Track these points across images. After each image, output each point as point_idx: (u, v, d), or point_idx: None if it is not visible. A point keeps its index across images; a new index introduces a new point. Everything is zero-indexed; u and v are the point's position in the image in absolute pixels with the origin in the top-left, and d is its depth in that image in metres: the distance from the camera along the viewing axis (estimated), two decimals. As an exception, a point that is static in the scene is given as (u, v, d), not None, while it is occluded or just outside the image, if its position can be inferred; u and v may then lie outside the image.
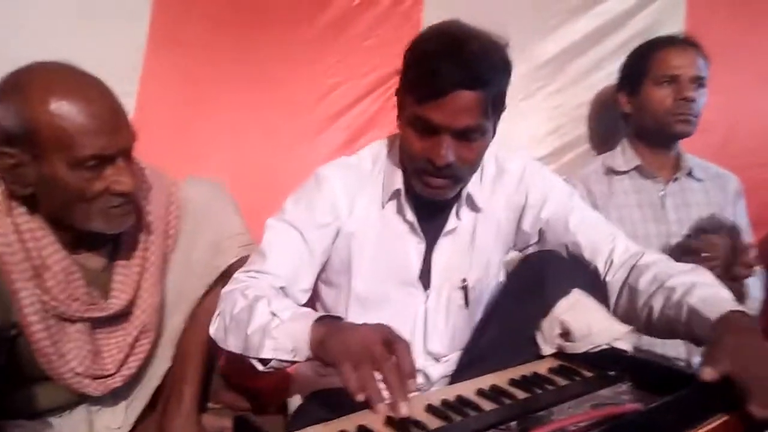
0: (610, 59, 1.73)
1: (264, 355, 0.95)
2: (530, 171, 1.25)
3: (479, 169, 1.21)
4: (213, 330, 1.09)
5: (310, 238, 1.16)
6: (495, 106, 1.09)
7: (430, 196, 1.14)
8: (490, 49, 1.06)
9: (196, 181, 1.28)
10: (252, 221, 1.45)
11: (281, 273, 1.12)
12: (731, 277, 1.33)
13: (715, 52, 1.64)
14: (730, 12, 1.84)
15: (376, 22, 1.74)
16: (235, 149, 1.71)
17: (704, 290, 0.99)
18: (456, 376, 1.20)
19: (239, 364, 1.56)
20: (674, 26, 1.77)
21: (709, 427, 0.75)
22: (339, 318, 0.98)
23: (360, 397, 0.77)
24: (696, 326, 0.96)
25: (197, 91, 1.69)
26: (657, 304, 1.05)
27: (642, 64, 1.59)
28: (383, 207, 1.20)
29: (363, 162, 1.24)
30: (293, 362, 0.94)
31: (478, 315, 1.24)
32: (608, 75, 1.72)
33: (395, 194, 1.20)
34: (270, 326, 0.95)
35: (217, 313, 1.09)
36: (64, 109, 0.95)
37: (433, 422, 0.80)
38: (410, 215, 1.19)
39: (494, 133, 1.14)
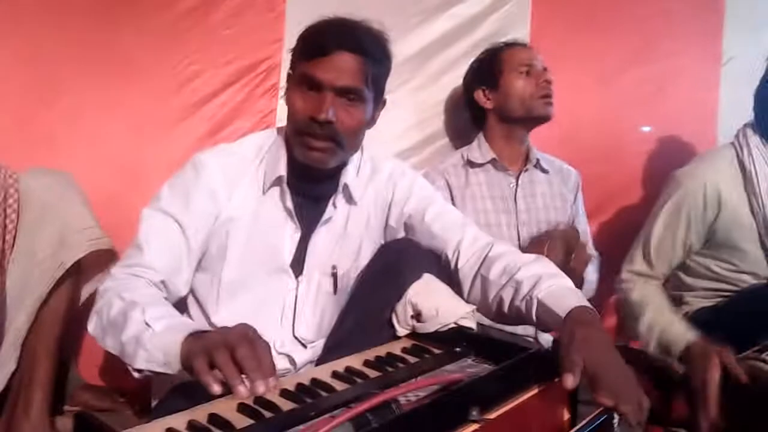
0: (464, 59, 1.84)
1: (137, 366, 0.93)
2: (398, 171, 1.35)
3: (357, 165, 1.28)
4: (90, 328, 1.04)
5: (189, 227, 1.15)
6: (375, 83, 1.19)
7: (312, 160, 1.17)
8: (373, 29, 1.19)
9: (38, 172, 1.21)
10: (111, 212, 1.39)
11: (160, 266, 1.10)
12: (569, 270, 1.48)
13: (557, 55, 1.82)
14: (569, 19, 2.02)
15: (238, 10, 1.72)
16: (89, 138, 1.62)
17: (549, 282, 1.08)
18: (321, 362, 1.23)
19: (98, 364, 1.51)
20: (520, 31, 1.92)
21: (528, 394, 0.84)
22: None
23: (215, 389, 0.77)
24: (544, 319, 1.06)
25: (43, 78, 1.57)
26: (507, 296, 1.14)
27: (496, 62, 1.71)
28: (264, 193, 1.21)
29: (245, 150, 1.25)
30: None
31: (345, 302, 1.28)
32: (462, 74, 1.82)
33: (277, 181, 1.21)
34: (143, 337, 0.93)
35: (94, 310, 1.04)
36: None
37: (287, 405, 0.83)
38: (289, 203, 1.21)
39: (373, 121, 1.24)
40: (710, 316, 1.63)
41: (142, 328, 0.94)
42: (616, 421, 0.85)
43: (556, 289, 1.06)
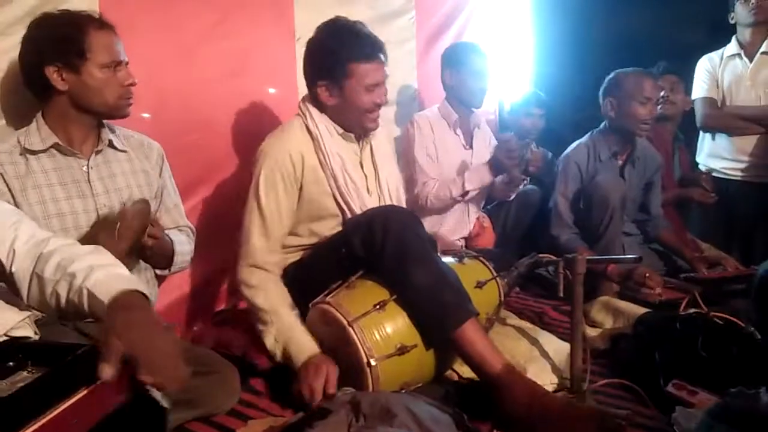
0: (13, 28, 1.59)
1: None
2: None
3: None
4: None
5: None
6: None
7: None
8: None
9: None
10: None
11: None
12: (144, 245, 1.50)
13: (131, 26, 1.71)
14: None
15: None
16: None
17: (100, 272, 1.06)
18: None
19: None
20: (89, -1, 1.75)
21: (75, 398, 0.80)
22: None
23: None
24: (95, 309, 1.03)
25: None
26: (62, 291, 1.07)
27: (80, 43, 1.49)
28: None
29: None
30: None
31: None
32: (15, 45, 1.57)
33: None
34: None
35: None
36: None
37: None
38: None
39: None
40: (296, 270, 1.85)
41: None
42: (158, 394, 0.90)
43: (106, 278, 1.05)
